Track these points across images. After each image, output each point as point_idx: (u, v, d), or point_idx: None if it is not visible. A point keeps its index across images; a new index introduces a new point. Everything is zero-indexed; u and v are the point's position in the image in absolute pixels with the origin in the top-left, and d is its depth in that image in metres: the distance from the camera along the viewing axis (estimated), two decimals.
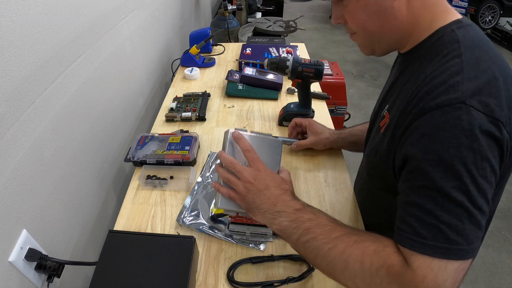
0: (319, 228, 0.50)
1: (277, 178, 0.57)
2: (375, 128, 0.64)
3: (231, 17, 1.91)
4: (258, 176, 0.56)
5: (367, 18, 0.53)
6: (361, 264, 0.46)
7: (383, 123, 0.59)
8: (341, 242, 0.48)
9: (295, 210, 0.53)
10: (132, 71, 1.09)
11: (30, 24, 0.58)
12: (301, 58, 0.92)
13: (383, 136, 0.57)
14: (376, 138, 0.60)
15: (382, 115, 0.61)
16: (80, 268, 0.76)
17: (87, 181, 0.82)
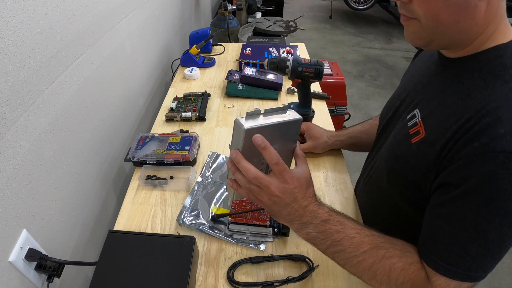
0: (347, 241, 0.50)
1: (303, 183, 0.51)
2: (401, 132, 0.59)
3: (231, 17, 1.91)
4: (286, 189, 0.50)
5: (445, 8, 0.45)
6: (388, 277, 0.49)
7: (415, 131, 0.54)
8: (369, 256, 0.50)
9: (323, 222, 0.51)
10: (132, 71, 1.09)
11: (30, 24, 0.58)
12: (301, 58, 0.92)
13: (416, 149, 0.53)
14: (404, 146, 0.56)
15: (413, 121, 0.56)
16: (80, 268, 0.76)
17: (87, 181, 0.82)
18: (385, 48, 4.03)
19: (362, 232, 0.51)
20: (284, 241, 0.71)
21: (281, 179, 0.49)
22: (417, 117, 0.56)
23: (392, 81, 3.30)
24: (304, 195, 0.51)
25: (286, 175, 0.49)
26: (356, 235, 0.51)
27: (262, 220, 0.71)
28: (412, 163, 0.53)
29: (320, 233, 0.51)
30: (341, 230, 0.51)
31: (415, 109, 0.57)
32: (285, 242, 0.71)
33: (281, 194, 0.50)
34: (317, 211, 0.51)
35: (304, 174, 0.52)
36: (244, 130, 0.49)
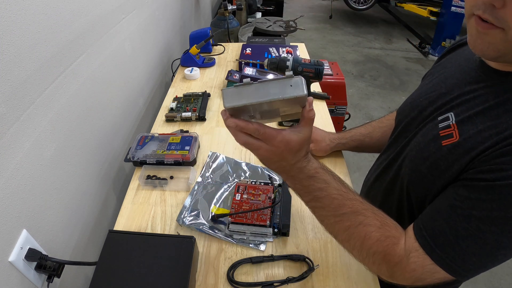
0: (328, 200, 0.51)
1: (294, 146, 0.49)
2: (429, 133, 0.56)
3: (231, 17, 1.91)
4: (273, 151, 0.50)
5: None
6: (361, 244, 0.50)
7: (446, 133, 0.53)
8: (346, 219, 0.51)
9: (308, 177, 0.51)
10: (132, 71, 1.09)
11: (30, 24, 0.58)
12: (301, 58, 0.92)
13: (447, 153, 0.51)
14: (433, 148, 0.54)
15: (445, 123, 0.54)
16: (80, 268, 0.76)
17: (87, 181, 0.82)
18: (385, 48, 4.03)
19: (345, 195, 0.52)
20: (284, 241, 0.71)
21: (269, 144, 0.49)
22: (450, 120, 0.53)
23: (392, 81, 3.30)
24: (294, 155, 0.50)
25: (273, 141, 0.49)
26: (339, 196, 0.51)
27: (262, 220, 0.71)
28: (441, 166, 0.52)
29: (304, 186, 0.52)
30: (324, 188, 0.51)
31: (449, 112, 0.55)
32: (285, 242, 0.71)
33: (269, 155, 0.50)
34: (304, 168, 0.51)
35: (297, 137, 0.49)
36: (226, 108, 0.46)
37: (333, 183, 0.52)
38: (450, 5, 3.58)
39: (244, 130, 0.48)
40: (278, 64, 0.92)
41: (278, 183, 0.82)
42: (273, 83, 0.45)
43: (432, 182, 0.53)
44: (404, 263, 0.48)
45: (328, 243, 0.70)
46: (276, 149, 0.49)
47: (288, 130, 0.49)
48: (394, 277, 0.49)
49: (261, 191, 0.78)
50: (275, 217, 0.73)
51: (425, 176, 0.55)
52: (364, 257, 0.51)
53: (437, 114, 0.57)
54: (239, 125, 0.48)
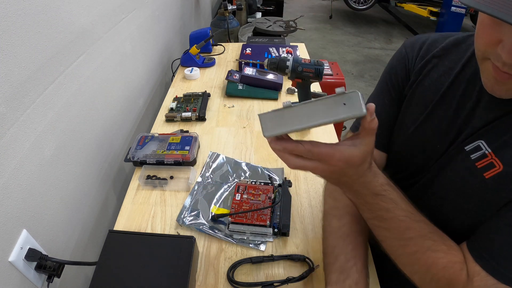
0: (394, 223, 0.47)
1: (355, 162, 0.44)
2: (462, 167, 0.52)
3: (231, 17, 1.91)
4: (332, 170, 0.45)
5: None
6: (427, 270, 0.48)
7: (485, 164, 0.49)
8: (413, 244, 0.48)
9: (373, 195, 0.47)
10: (132, 71, 1.09)
11: (30, 24, 0.58)
12: (301, 58, 0.92)
13: (493, 184, 0.48)
14: (475, 183, 0.50)
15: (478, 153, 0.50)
16: (80, 268, 0.76)
17: (87, 181, 0.82)
18: (385, 48, 4.03)
19: (412, 217, 0.47)
20: (284, 241, 0.71)
21: (326, 164, 0.44)
22: (484, 149, 0.49)
23: None
24: (356, 171, 0.45)
25: (331, 160, 0.43)
26: (405, 218, 0.47)
27: (262, 220, 0.71)
28: (493, 200, 0.48)
29: (367, 203, 0.48)
30: (391, 209, 0.47)
31: (477, 140, 0.50)
32: (285, 242, 0.71)
33: (328, 174, 0.46)
34: (369, 183, 0.46)
35: (359, 151, 0.43)
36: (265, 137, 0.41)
37: (401, 204, 0.47)
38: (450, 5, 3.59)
39: (294, 152, 0.43)
40: (278, 64, 0.92)
41: (278, 183, 0.82)
42: (321, 103, 0.38)
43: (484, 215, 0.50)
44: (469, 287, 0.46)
45: None
46: (335, 168, 0.44)
47: (347, 144, 0.43)
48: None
49: (261, 191, 0.78)
50: (275, 217, 0.73)
51: (475, 212, 0.51)
52: (426, 282, 0.49)
53: (461, 144, 0.52)
54: (287, 148, 0.43)
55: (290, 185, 0.80)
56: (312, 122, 0.38)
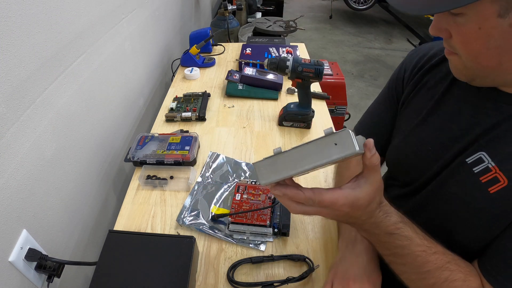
0: (411, 258, 0.47)
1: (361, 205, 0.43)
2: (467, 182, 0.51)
3: (231, 17, 1.91)
4: (337, 214, 0.44)
5: (485, 51, 0.42)
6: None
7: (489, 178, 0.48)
8: (431, 277, 0.47)
9: (387, 234, 0.46)
10: (132, 71, 1.09)
11: (30, 24, 0.58)
12: (301, 58, 0.92)
13: (499, 199, 0.47)
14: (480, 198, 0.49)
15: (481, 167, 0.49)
16: (80, 268, 0.76)
17: (87, 181, 0.82)
18: (385, 48, 4.03)
19: (428, 250, 0.47)
20: (284, 241, 0.71)
21: (330, 209, 0.43)
22: (486, 162, 0.49)
23: None
24: (364, 212, 0.44)
25: (335, 205, 0.43)
26: (422, 253, 0.47)
27: (262, 220, 0.71)
28: (500, 215, 0.47)
29: (381, 242, 0.48)
30: (406, 246, 0.46)
31: (479, 152, 0.50)
32: (285, 242, 0.71)
33: (334, 217, 0.47)
34: (380, 223, 0.46)
35: (364, 192, 0.43)
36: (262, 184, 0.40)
37: (416, 239, 0.47)
38: None
39: (295, 199, 0.43)
40: (278, 64, 0.92)
41: None
42: (312, 146, 0.38)
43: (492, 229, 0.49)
44: None
45: (328, 243, 0.70)
46: (340, 212, 0.43)
47: (350, 187, 0.42)
48: None
49: (261, 191, 0.78)
50: (275, 217, 0.73)
51: (483, 227, 0.50)
52: None
53: (462, 157, 0.52)
54: (287, 194, 0.43)
55: None
56: (305, 167, 0.38)
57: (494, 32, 0.40)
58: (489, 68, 0.44)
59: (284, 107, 1.03)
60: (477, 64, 0.45)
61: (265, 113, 1.11)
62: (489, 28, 0.40)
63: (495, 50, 0.42)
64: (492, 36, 0.41)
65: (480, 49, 0.43)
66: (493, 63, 0.43)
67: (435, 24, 0.46)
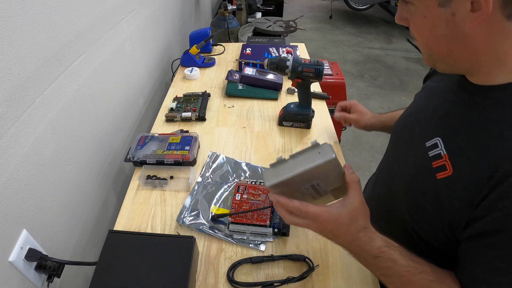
0: (396, 277, 0.50)
1: (344, 221, 0.48)
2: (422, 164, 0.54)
3: (231, 17, 1.91)
4: (323, 228, 0.50)
5: (433, 39, 0.45)
6: None
7: (439, 165, 0.50)
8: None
9: (373, 257, 0.49)
10: (132, 71, 1.09)
11: (30, 24, 0.58)
12: (301, 58, 0.92)
13: (444, 188, 0.49)
14: (429, 182, 0.52)
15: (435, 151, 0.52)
16: (80, 268, 0.76)
17: (87, 181, 0.82)
18: (385, 48, 4.02)
19: (413, 270, 0.49)
20: (284, 241, 0.71)
21: (316, 222, 0.49)
22: (440, 147, 0.51)
23: (392, 81, 3.30)
24: (347, 231, 0.49)
25: (319, 219, 0.48)
26: (407, 273, 0.49)
27: (262, 220, 0.71)
28: (443, 202, 0.49)
29: (369, 264, 0.51)
30: (391, 267, 0.49)
31: (437, 137, 0.52)
32: (285, 242, 0.71)
33: (321, 232, 0.51)
34: (366, 246, 0.49)
35: (346, 209, 0.48)
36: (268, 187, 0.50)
37: (401, 261, 0.49)
38: None
39: (285, 207, 0.49)
40: (278, 64, 0.92)
41: None
42: (303, 156, 0.48)
43: (437, 218, 0.51)
44: None
45: (328, 243, 0.70)
46: (326, 227, 0.49)
47: (335, 206, 0.48)
48: None
49: (261, 191, 0.78)
50: (275, 217, 0.73)
51: (428, 213, 0.52)
52: None
53: (423, 138, 0.55)
54: (280, 201, 0.49)
55: None
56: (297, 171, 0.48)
57: (438, 21, 0.42)
58: (441, 55, 0.47)
59: (284, 107, 1.03)
60: (430, 51, 0.48)
61: (265, 113, 1.11)
62: (433, 17, 0.43)
63: (443, 38, 0.44)
64: (436, 25, 0.43)
65: (428, 37, 0.45)
66: (444, 50, 0.46)
67: (397, 13, 0.49)
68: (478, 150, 0.45)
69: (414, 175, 0.56)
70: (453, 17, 0.41)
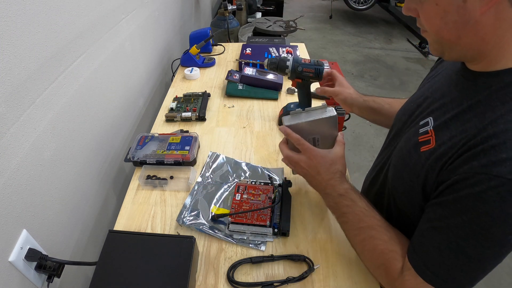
0: (351, 215, 0.59)
1: (327, 161, 0.64)
2: (411, 139, 0.57)
3: (231, 17, 1.91)
4: (310, 164, 0.64)
5: (444, 26, 0.46)
6: (371, 256, 0.57)
7: (424, 139, 0.54)
8: (362, 233, 0.57)
9: (339, 195, 0.61)
10: (132, 71, 1.09)
11: (30, 24, 0.58)
12: (301, 58, 0.92)
13: (425, 160, 0.52)
14: (414, 155, 0.55)
15: (424, 129, 0.55)
16: (80, 268, 0.76)
17: (87, 181, 0.82)
18: (385, 48, 4.03)
19: (366, 212, 0.58)
20: (284, 241, 0.71)
21: (306, 155, 0.65)
22: (429, 125, 0.54)
23: (392, 81, 3.30)
24: (327, 170, 0.63)
25: (309, 153, 0.65)
26: (360, 213, 0.58)
27: (262, 220, 0.71)
28: (420, 173, 0.52)
29: (335, 203, 0.62)
30: (350, 205, 0.59)
31: (429, 116, 0.55)
32: (285, 242, 0.71)
33: (307, 168, 0.65)
34: (336, 186, 0.62)
35: (331, 154, 0.65)
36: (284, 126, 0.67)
37: (359, 202, 0.59)
38: None
39: (289, 136, 0.66)
40: (278, 64, 0.92)
41: (278, 183, 0.82)
42: (314, 111, 0.68)
43: (412, 188, 0.54)
44: (400, 280, 0.51)
45: (328, 243, 0.70)
46: (312, 162, 0.64)
47: (323, 150, 0.65)
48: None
49: (261, 191, 0.78)
50: (275, 217, 0.73)
51: (406, 183, 0.56)
52: (374, 269, 0.57)
53: (419, 118, 0.58)
54: (286, 130, 0.66)
55: (290, 185, 0.80)
56: (307, 119, 0.67)
57: (450, 7, 0.44)
58: (451, 42, 0.48)
59: (284, 107, 1.03)
60: (440, 38, 0.49)
61: (265, 113, 1.11)
62: (445, 4, 0.44)
63: (453, 24, 0.45)
64: (448, 11, 0.44)
65: (439, 24, 0.47)
66: (453, 37, 0.47)
67: (405, 4, 0.51)
68: (460, 126, 0.48)
69: (401, 148, 0.60)
70: (465, 3, 0.42)
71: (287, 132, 0.66)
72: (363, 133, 2.62)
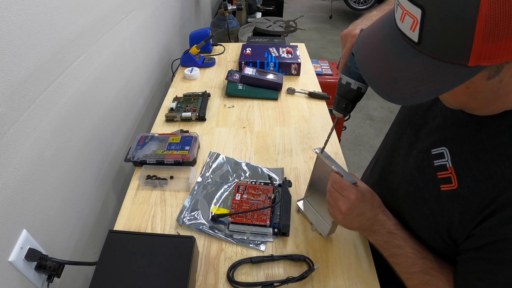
0: (403, 258, 0.55)
1: (368, 198, 0.58)
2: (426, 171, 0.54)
3: (231, 17, 1.91)
4: (352, 205, 0.57)
5: (472, 101, 0.44)
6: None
7: (444, 177, 0.50)
8: (416, 278, 0.53)
9: (389, 233, 0.56)
10: (132, 71, 1.09)
11: (30, 24, 0.58)
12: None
13: (447, 201, 0.49)
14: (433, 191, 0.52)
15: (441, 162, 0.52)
16: (80, 268, 0.76)
17: (87, 181, 0.82)
18: None
19: (418, 254, 0.54)
20: (284, 241, 0.71)
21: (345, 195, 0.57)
22: (446, 159, 0.51)
23: None
24: (371, 207, 0.57)
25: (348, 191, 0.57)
26: (412, 255, 0.54)
27: (262, 220, 0.71)
28: (446, 215, 0.50)
29: (384, 242, 0.57)
30: (402, 246, 0.55)
31: (443, 146, 0.52)
32: (285, 242, 0.71)
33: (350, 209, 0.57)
34: (385, 222, 0.57)
35: (366, 186, 0.60)
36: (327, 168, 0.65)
37: (410, 242, 0.55)
38: None
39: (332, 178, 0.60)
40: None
41: (278, 183, 0.82)
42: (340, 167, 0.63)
43: (436, 224, 0.52)
44: None
45: (328, 243, 0.70)
46: (354, 202, 0.56)
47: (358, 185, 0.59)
48: None
49: (261, 191, 0.78)
50: (275, 217, 0.73)
51: (427, 217, 0.54)
52: None
53: (429, 142, 0.55)
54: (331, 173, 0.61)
55: (290, 185, 0.80)
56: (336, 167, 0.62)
57: (482, 89, 0.40)
58: (475, 109, 0.46)
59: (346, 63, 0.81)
60: (464, 107, 0.47)
61: (265, 113, 1.11)
62: (477, 87, 0.40)
63: (483, 100, 0.43)
64: (480, 91, 0.41)
65: (467, 100, 0.44)
66: (479, 106, 0.45)
67: None
68: (484, 169, 0.45)
69: (416, 178, 0.56)
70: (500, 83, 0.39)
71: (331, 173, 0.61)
72: (363, 133, 2.62)
